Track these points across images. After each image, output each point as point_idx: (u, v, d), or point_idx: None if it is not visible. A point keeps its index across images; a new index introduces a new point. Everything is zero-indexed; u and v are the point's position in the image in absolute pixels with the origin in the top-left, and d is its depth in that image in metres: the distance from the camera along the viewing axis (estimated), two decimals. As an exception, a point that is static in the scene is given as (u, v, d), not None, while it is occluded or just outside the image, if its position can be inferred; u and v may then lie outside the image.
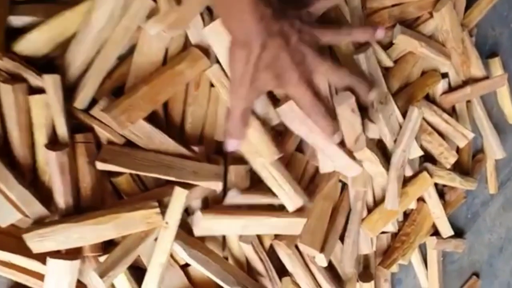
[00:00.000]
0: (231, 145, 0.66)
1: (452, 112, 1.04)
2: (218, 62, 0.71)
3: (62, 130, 0.62)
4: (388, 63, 0.91)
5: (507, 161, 1.19)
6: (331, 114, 0.69)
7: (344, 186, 0.90)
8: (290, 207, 0.76)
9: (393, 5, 0.92)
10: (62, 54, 0.64)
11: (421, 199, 0.99)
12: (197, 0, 0.66)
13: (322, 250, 0.82)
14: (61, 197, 0.62)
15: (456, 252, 1.12)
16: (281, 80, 0.61)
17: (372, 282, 0.93)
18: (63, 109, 0.61)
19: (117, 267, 0.62)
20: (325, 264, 0.83)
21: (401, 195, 0.89)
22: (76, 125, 0.66)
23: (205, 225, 0.70)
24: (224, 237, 0.79)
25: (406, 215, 0.99)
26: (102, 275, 0.61)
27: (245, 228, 0.74)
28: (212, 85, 0.74)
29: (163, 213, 0.65)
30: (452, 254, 1.12)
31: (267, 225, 0.75)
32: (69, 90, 0.64)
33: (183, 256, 0.69)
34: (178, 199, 0.65)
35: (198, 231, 0.71)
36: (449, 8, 0.91)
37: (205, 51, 0.71)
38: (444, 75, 1.00)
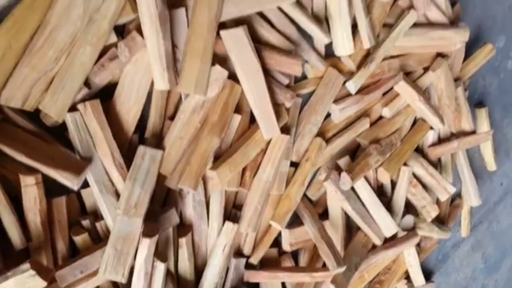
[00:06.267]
0: None
1: (437, 161, 1.05)
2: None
3: None
4: (386, 114, 0.91)
5: (481, 205, 1.22)
6: None
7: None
8: None
9: (394, 56, 0.91)
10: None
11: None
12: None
13: None
14: None
15: (423, 292, 1.15)
16: None
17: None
18: None
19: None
20: None
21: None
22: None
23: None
24: None
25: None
26: None
27: None
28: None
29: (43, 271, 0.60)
30: (419, 293, 1.15)
31: None
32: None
33: None
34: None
35: None
36: (444, 68, 0.91)
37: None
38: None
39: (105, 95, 0.68)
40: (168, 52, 0.65)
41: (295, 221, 0.89)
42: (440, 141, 1.02)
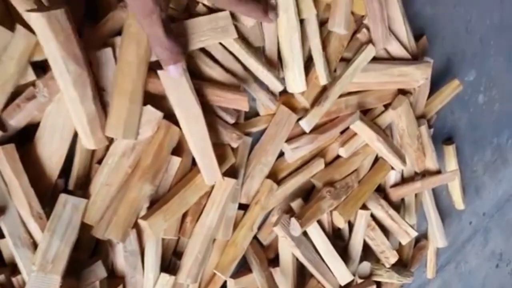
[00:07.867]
0: (175, 71, 0.60)
1: (401, 201, 0.99)
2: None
3: None
4: (343, 154, 0.86)
5: (448, 245, 1.16)
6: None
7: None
8: None
9: (352, 93, 0.85)
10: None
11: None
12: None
13: None
14: None
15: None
16: None
17: None
18: None
19: None
20: None
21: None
22: None
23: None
24: None
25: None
26: None
27: None
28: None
29: None
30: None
31: None
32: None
33: None
34: None
35: None
36: (405, 106, 0.86)
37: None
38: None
39: (25, 136, 0.63)
40: (92, 113, 0.60)
41: (244, 266, 0.83)
42: (404, 180, 0.96)
